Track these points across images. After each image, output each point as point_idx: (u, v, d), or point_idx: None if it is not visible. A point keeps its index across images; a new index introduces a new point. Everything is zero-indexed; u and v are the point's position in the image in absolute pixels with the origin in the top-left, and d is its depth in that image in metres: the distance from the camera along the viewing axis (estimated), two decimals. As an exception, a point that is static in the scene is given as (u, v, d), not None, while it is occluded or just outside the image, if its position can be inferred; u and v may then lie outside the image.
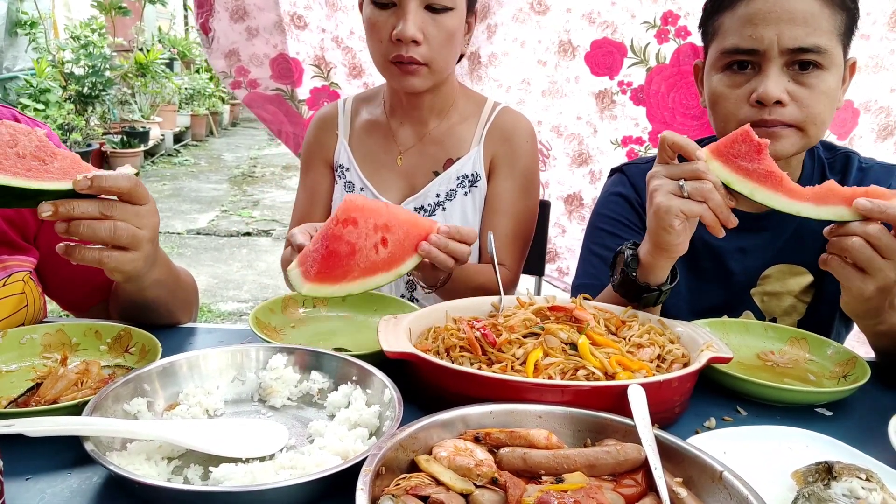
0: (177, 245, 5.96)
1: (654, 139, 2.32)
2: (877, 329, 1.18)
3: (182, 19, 14.41)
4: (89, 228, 1.01)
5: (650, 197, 1.14)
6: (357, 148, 1.76)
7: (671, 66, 2.23)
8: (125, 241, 1.04)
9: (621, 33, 2.23)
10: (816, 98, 1.24)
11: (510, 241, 1.68)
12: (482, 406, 0.87)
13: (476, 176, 1.68)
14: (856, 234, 1.05)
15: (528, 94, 2.39)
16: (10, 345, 1.15)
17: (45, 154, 1.01)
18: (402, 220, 1.23)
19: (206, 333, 1.34)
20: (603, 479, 0.78)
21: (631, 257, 1.21)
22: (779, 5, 1.22)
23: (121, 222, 1.03)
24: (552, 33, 2.30)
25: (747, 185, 1.10)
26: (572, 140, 2.41)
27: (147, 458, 0.84)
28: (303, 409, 1.02)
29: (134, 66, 9.21)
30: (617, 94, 2.30)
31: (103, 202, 1.02)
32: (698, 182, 1.09)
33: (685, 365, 1.05)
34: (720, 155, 1.12)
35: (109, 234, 1.02)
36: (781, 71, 1.24)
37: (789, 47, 1.22)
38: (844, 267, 1.07)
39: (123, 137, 8.55)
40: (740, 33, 1.26)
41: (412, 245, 1.22)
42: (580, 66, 2.31)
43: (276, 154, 10.42)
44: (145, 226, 1.06)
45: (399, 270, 1.21)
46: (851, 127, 2.21)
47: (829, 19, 1.23)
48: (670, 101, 2.26)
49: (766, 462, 0.90)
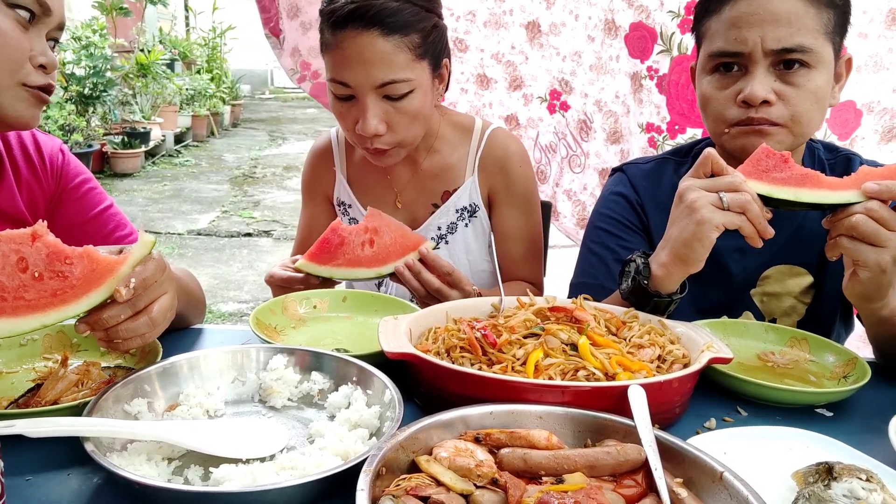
0: (177, 246, 5.96)
1: (672, 131, 2.34)
2: (880, 314, 1.18)
3: (183, 20, 14.43)
4: (130, 331, 0.95)
5: (689, 209, 1.12)
6: (356, 184, 1.75)
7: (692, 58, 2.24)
8: (162, 322, 0.99)
9: (653, 19, 2.25)
10: (804, 97, 1.25)
11: (528, 258, 1.72)
12: (482, 407, 0.87)
13: (474, 207, 1.69)
14: (857, 213, 1.07)
15: (579, 67, 2.43)
16: (11, 346, 1.15)
17: (61, 262, 0.91)
18: (392, 228, 1.37)
19: (207, 334, 1.35)
20: (603, 480, 0.78)
21: (643, 266, 1.21)
22: (762, 7, 1.24)
23: (154, 307, 0.97)
24: (599, 11, 2.33)
25: (790, 191, 1.11)
26: (609, 117, 2.45)
27: (147, 458, 0.84)
28: (303, 410, 1.02)
29: (135, 67, 9.22)
30: (645, 79, 2.33)
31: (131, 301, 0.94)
32: (737, 194, 1.10)
33: (685, 365, 1.05)
34: (751, 174, 1.13)
35: (148, 326, 0.97)
36: (767, 71, 1.25)
37: (773, 48, 1.23)
38: (855, 243, 1.08)
39: (124, 138, 8.56)
40: (725, 36, 1.28)
41: (396, 252, 1.36)
42: (620, 45, 2.34)
43: (277, 155, 10.42)
44: (168, 288, 1.01)
45: (379, 270, 1.36)
46: (854, 128, 2.20)
47: (814, 18, 1.24)
48: (689, 94, 2.27)
49: (767, 463, 0.90)
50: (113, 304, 0.93)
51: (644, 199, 1.53)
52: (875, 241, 1.07)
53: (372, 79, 1.39)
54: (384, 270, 1.34)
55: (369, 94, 1.41)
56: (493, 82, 2.51)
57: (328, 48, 1.43)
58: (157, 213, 6.93)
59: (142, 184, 8.13)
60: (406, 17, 1.39)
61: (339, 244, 1.37)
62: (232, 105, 12.65)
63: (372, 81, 1.39)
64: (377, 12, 1.36)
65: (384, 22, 1.36)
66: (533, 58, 2.47)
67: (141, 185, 8.09)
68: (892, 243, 1.06)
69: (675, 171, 1.52)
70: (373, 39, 1.37)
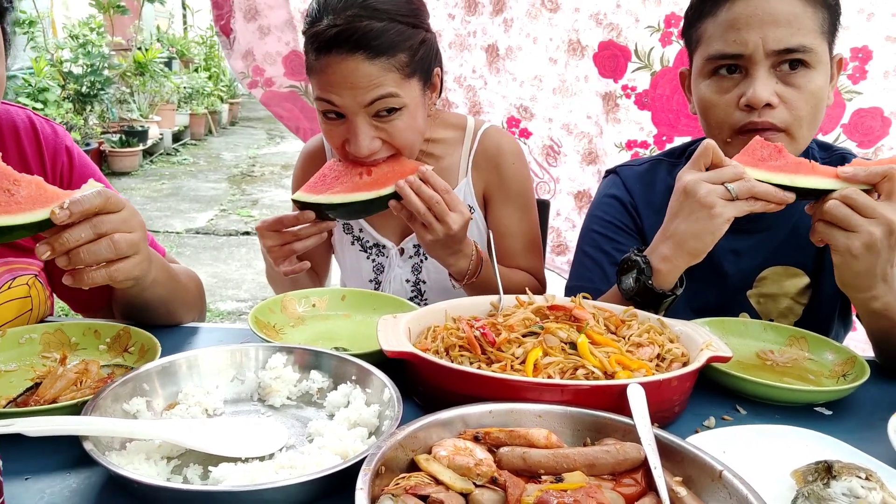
0: (176, 244, 5.95)
1: (660, 142, 2.32)
2: (872, 307, 1.18)
3: (181, 18, 14.41)
4: (90, 253, 1.00)
5: (701, 204, 1.13)
6: None
7: (675, 67, 2.22)
8: (126, 250, 1.04)
9: (625, 37, 2.22)
10: (805, 99, 1.25)
11: (527, 253, 1.71)
12: (481, 405, 0.87)
13: (470, 209, 1.67)
14: (832, 199, 1.10)
15: (539, 91, 2.39)
16: (10, 344, 1.15)
17: (9, 183, 0.99)
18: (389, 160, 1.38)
19: (206, 333, 1.34)
20: (602, 479, 0.78)
21: (645, 266, 1.21)
22: (760, 8, 1.23)
23: (116, 234, 1.02)
24: (562, 31, 2.29)
25: (785, 177, 1.14)
26: (582, 138, 2.41)
27: (146, 457, 0.84)
28: (302, 409, 1.02)
29: (132, 65, 9.20)
30: (621, 98, 2.30)
31: (91, 222, 1.00)
32: (742, 181, 1.12)
33: (685, 364, 1.05)
34: (747, 163, 1.15)
35: (110, 250, 1.02)
36: (769, 73, 1.25)
37: (775, 49, 1.23)
38: (829, 228, 1.11)
39: (122, 136, 8.54)
40: (724, 38, 1.26)
41: (394, 177, 1.34)
42: (589, 65, 2.30)
43: (275, 153, 10.41)
44: (135, 228, 1.06)
45: (378, 192, 1.33)
46: (880, 136, 2.15)
47: (811, 18, 1.24)
48: (674, 103, 2.25)
49: (766, 461, 0.90)
50: (71, 226, 0.98)
51: (638, 200, 1.52)
52: (846, 226, 1.09)
53: (360, 100, 1.36)
54: (383, 192, 1.31)
55: (359, 114, 1.37)
56: (454, 107, 2.45)
57: (313, 71, 1.40)
58: (156, 212, 6.92)
59: (140, 182, 8.11)
60: (391, 37, 1.34)
61: (335, 177, 1.37)
62: (230, 103, 12.63)
63: (360, 102, 1.36)
64: (362, 36, 1.31)
65: (369, 45, 1.32)
66: (491, 83, 2.42)
67: (139, 183, 8.08)
68: (864, 229, 1.07)
69: (668, 173, 1.52)
70: (358, 64, 1.33)
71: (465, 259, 1.44)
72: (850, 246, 1.08)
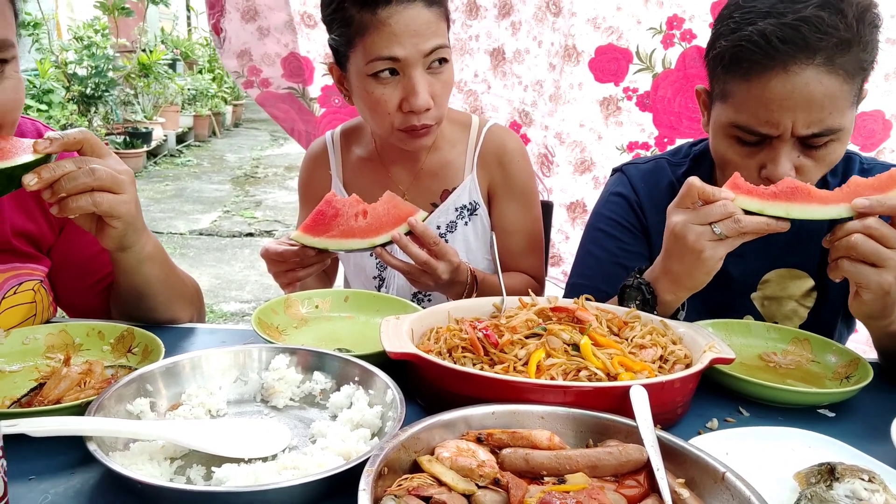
0: (179, 245, 5.96)
1: (661, 144, 2.31)
2: (888, 330, 1.17)
3: (185, 20, 14.44)
4: (70, 179, 1.04)
5: (690, 250, 1.12)
6: (352, 187, 1.74)
7: (677, 69, 2.21)
8: (108, 181, 1.07)
9: (626, 39, 2.21)
10: (822, 168, 1.23)
11: (528, 252, 1.72)
12: (484, 407, 0.87)
13: (475, 205, 1.68)
14: (855, 231, 1.05)
15: (539, 97, 2.38)
16: (14, 345, 1.15)
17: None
18: (386, 199, 1.40)
19: (209, 334, 1.35)
20: (605, 480, 0.78)
21: (650, 296, 1.21)
22: (797, 91, 1.15)
23: (97, 165, 1.06)
24: (560, 36, 2.28)
25: (780, 206, 1.10)
26: (574, 148, 2.40)
27: (150, 458, 0.84)
28: (305, 410, 1.02)
29: (137, 67, 9.22)
30: (622, 101, 2.29)
31: (75, 158, 1.06)
32: (730, 221, 1.10)
33: (687, 366, 1.05)
34: (742, 189, 1.13)
35: (90, 176, 1.05)
36: (793, 148, 1.21)
37: (803, 134, 1.18)
38: (856, 265, 1.06)
39: (126, 138, 8.56)
40: (756, 115, 1.20)
41: (390, 223, 1.37)
42: (584, 72, 2.29)
43: (279, 154, 10.43)
44: (121, 171, 1.10)
45: (372, 241, 1.36)
46: (881, 139, 2.13)
47: (847, 94, 1.17)
48: (676, 105, 2.24)
49: (769, 463, 0.90)
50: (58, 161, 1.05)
51: (643, 199, 1.52)
52: (876, 262, 1.05)
53: (421, 48, 1.42)
54: (377, 241, 1.35)
55: (418, 66, 1.43)
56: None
57: (366, 30, 1.42)
58: (159, 213, 6.93)
59: (143, 184, 8.13)
60: None
61: (333, 216, 1.40)
62: (233, 105, 12.65)
63: (422, 51, 1.42)
64: None
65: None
66: (496, 87, 2.42)
67: (143, 185, 8.10)
68: (894, 262, 1.04)
69: (671, 173, 1.52)
70: (419, 11, 1.41)
71: (460, 286, 1.47)
72: (882, 282, 1.05)
